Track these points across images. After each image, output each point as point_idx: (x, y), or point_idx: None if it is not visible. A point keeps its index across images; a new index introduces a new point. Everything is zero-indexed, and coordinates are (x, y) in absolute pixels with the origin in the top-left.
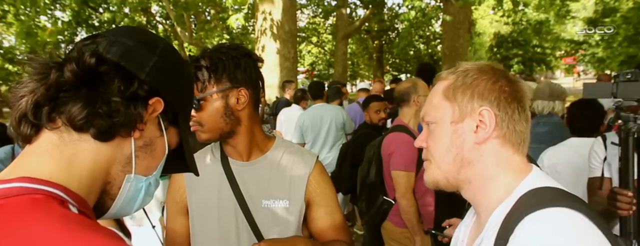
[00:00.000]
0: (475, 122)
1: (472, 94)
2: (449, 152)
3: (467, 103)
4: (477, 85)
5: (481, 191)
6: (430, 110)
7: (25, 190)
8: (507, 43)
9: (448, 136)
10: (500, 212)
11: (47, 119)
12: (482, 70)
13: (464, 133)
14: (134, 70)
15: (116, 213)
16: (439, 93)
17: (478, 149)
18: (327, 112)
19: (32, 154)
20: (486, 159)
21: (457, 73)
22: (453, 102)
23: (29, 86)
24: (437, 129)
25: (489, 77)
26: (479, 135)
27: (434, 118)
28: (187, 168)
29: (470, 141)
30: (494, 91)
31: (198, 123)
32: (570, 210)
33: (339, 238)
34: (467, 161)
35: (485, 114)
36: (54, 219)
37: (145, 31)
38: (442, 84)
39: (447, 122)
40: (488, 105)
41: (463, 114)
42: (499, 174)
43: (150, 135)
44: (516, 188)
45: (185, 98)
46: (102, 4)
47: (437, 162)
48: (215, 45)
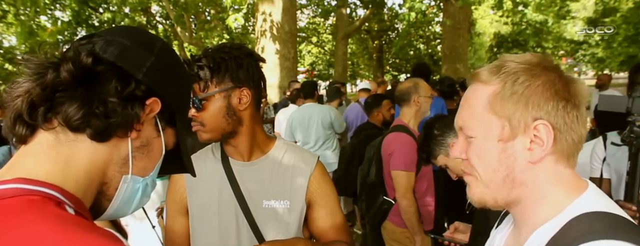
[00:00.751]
0: (529, 137)
1: (525, 106)
2: (497, 172)
3: (520, 118)
4: (531, 95)
5: (530, 209)
6: (470, 121)
7: (21, 191)
8: (507, 43)
9: (495, 155)
10: (546, 231)
11: (42, 119)
12: (534, 73)
13: (515, 152)
14: (131, 70)
15: (113, 214)
16: (483, 102)
17: (532, 169)
18: (316, 111)
19: (28, 155)
20: (540, 178)
21: (502, 77)
22: (501, 117)
23: (24, 86)
24: (480, 144)
25: (544, 82)
26: (534, 154)
27: (475, 133)
28: (184, 169)
29: (523, 160)
30: (551, 99)
31: (200, 123)
32: (627, 243)
33: (340, 239)
34: (520, 182)
35: (542, 129)
36: (50, 220)
37: (142, 31)
38: (484, 90)
39: (493, 140)
40: (545, 117)
41: (515, 131)
42: (552, 192)
43: (147, 135)
44: (567, 207)
45: (183, 99)
46: (102, 4)
47: (484, 181)
48: (217, 44)
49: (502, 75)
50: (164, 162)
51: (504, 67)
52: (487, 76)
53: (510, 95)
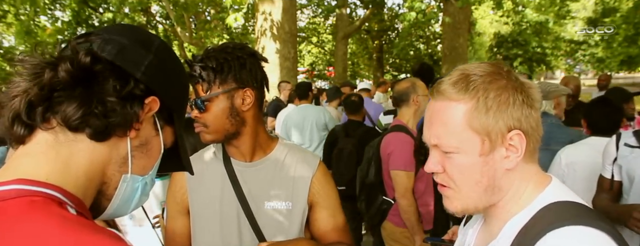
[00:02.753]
0: (505, 147)
1: (502, 119)
2: (480, 184)
3: (498, 131)
4: (504, 109)
5: (503, 207)
6: (447, 138)
7: (23, 192)
8: (507, 43)
9: (478, 169)
10: (516, 223)
11: (41, 119)
12: (500, 85)
13: (495, 163)
14: (130, 69)
15: (113, 213)
16: (459, 120)
17: (509, 175)
18: (310, 112)
19: (27, 155)
20: (514, 180)
21: (473, 94)
22: (481, 134)
23: (21, 86)
24: (461, 160)
25: (511, 93)
26: (510, 161)
27: (455, 149)
28: (182, 167)
29: (501, 169)
30: (519, 108)
31: (203, 124)
32: (593, 229)
33: (341, 240)
34: (499, 188)
35: (517, 139)
36: (54, 221)
37: (140, 29)
38: (458, 108)
39: (475, 155)
40: (517, 125)
41: (494, 144)
42: (522, 188)
43: (146, 134)
44: (535, 199)
45: (181, 97)
46: (102, 4)
47: (464, 193)
48: (219, 44)
49: (472, 92)
50: (162, 160)
51: (470, 83)
52: (457, 94)
53: (486, 111)
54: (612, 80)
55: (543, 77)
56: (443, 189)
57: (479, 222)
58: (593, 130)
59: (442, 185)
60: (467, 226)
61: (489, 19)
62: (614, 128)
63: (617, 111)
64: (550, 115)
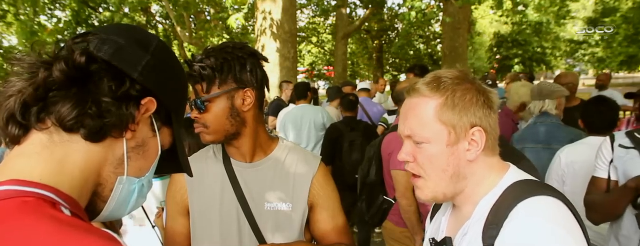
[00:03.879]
0: (467, 141)
1: (466, 116)
2: (446, 172)
3: (462, 126)
4: (469, 107)
5: (471, 193)
6: (419, 130)
7: (15, 193)
8: (507, 43)
9: (445, 158)
10: (487, 203)
11: (36, 120)
12: (466, 88)
13: (459, 154)
14: (126, 69)
15: (109, 215)
16: (430, 114)
17: (471, 165)
18: (308, 112)
19: (21, 156)
20: (476, 170)
21: (443, 92)
22: (448, 125)
23: (17, 86)
24: (430, 150)
25: (474, 95)
26: (472, 154)
27: (426, 139)
28: (180, 169)
29: (464, 159)
30: (480, 107)
31: (203, 125)
32: (552, 198)
33: (341, 241)
34: (463, 177)
35: (478, 135)
36: (46, 222)
37: (138, 29)
38: (430, 103)
39: (442, 145)
40: (478, 122)
41: (459, 136)
42: (486, 176)
43: (143, 135)
44: (499, 182)
45: (179, 98)
46: (102, 4)
47: (434, 181)
48: (219, 44)
49: (442, 90)
50: (160, 162)
51: (441, 83)
52: (429, 91)
53: (454, 107)
54: (612, 80)
55: (543, 77)
56: (415, 180)
57: (449, 210)
58: (590, 129)
59: (414, 175)
60: (437, 215)
61: (489, 19)
62: (611, 127)
63: (612, 109)
64: (551, 116)
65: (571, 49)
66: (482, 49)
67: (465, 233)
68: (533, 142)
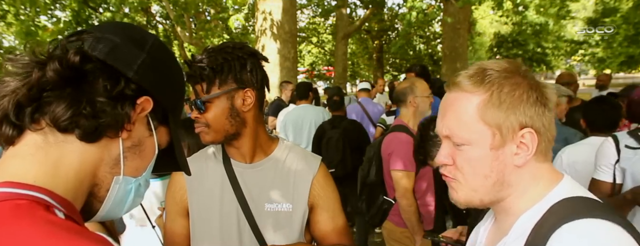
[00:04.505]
0: (516, 144)
1: (514, 115)
2: (488, 178)
3: (509, 126)
4: (517, 105)
5: (512, 203)
6: (459, 130)
7: (8, 195)
8: (507, 43)
9: (487, 163)
10: (529, 218)
11: (30, 120)
12: (515, 82)
13: (505, 158)
14: (121, 68)
15: (105, 215)
16: (471, 112)
17: (518, 171)
18: (309, 113)
19: (15, 157)
20: (524, 177)
21: (487, 87)
22: (492, 126)
23: (10, 86)
24: (471, 153)
25: (525, 90)
26: (520, 158)
27: (466, 141)
28: (178, 168)
29: (510, 164)
30: (533, 105)
31: (203, 124)
32: (607, 221)
33: (341, 242)
34: (507, 184)
35: (528, 137)
36: (39, 226)
37: (133, 27)
38: (471, 100)
39: (485, 148)
40: (529, 122)
41: (505, 138)
42: (532, 185)
43: (139, 135)
44: (547, 195)
45: (176, 97)
46: (102, 4)
47: (472, 185)
48: (219, 44)
49: (487, 85)
50: (158, 160)
51: (486, 76)
52: (472, 86)
53: (499, 104)
54: (612, 80)
55: (543, 77)
56: (449, 180)
57: (490, 220)
58: (592, 128)
59: (449, 177)
60: (478, 225)
61: (489, 19)
62: (612, 126)
63: (614, 109)
64: None
65: (571, 48)
66: (482, 49)
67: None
68: None
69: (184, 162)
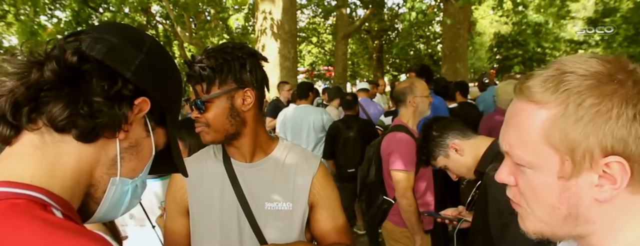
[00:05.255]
0: (597, 173)
1: (594, 136)
2: (556, 210)
3: (585, 151)
4: (601, 123)
5: (603, 242)
6: (520, 149)
7: (5, 194)
8: (507, 43)
9: (554, 193)
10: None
11: (27, 120)
12: (604, 92)
13: (579, 190)
14: (119, 68)
15: (102, 217)
16: (537, 130)
17: (600, 206)
18: (309, 113)
19: (12, 157)
20: (612, 213)
21: (563, 98)
22: (560, 151)
23: (7, 85)
24: (534, 178)
25: (617, 104)
26: (604, 192)
27: (528, 164)
28: (175, 169)
29: (589, 198)
30: (626, 124)
31: (204, 124)
32: None
33: (341, 241)
34: (585, 220)
35: (616, 167)
36: (36, 224)
37: (131, 28)
38: (538, 114)
39: (552, 176)
40: (619, 148)
41: (578, 168)
42: (631, 224)
43: (136, 136)
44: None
45: (174, 98)
46: (102, 4)
47: (539, 216)
48: (219, 44)
49: (562, 95)
50: (155, 162)
51: (564, 83)
52: (542, 95)
53: (574, 123)
54: None
55: None
56: (515, 206)
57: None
58: None
59: (514, 203)
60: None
61: (489, 19)
62: None
63: None
64: None
65: (571, 48)
66: (482, 49)
67: None
68: None
69: (181, 163)
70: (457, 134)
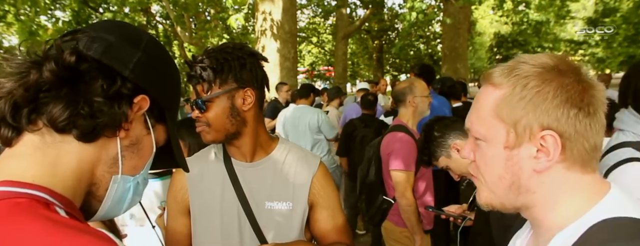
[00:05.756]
0: (535, 146)
1: (533, 112)
2: (503, 179)
3: (526, 125)
4: (540, 101)
5: (544, 214)
6: (477, 123)
7: (7, 194)
8: (507, 43)
9: (501, 162)
10: (564, 239)
11: (27, 121)
12: (546, 78)
13: (520, 160)
14: (117, 67)
15: (105, 215)
16: (490, 107)
17: (538, 177)
18: (306, 113)
19: (13, 157)
20: (549, 186)
21: (513, 81)
22: (507, 124)
23: (6, 87)
24: (486, 149)
25: (555, 87)
26: (539, 163)
27: (482, 136)
28: (176, 164)
29: (528, 168)
30: (561, 106)
31: (205, 124)
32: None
33: (341, 240)
34: (526, 189)
35: (549, 140)
36: (40, 222)
37: (127, 25)
38: (493, 94)
39: (499, 146)
40: (553, 125)
41: (520, 138)
42: (566, 198)
43: (137, 133)
44: (587, 212)
45: (172, 94)
46: (102, 4)
47: (490, 187)
48: (219, 45)
49: (513, 79)
50: (155, 157)
51: (516, 69)
52: (498, 78)
53: (518, 100)
54: (612, 80)
55: None
56: (473, 179)
57: (528, 231)
58: None
59: (473, 176)
60: (516, 234)
61: (489, 19)
62: (609, 127)
63: (610, 108)
64: None
65: (571, 48)
66: (482, 49)
67: None
68: None
69: (182, 158)
70: (458, 134)
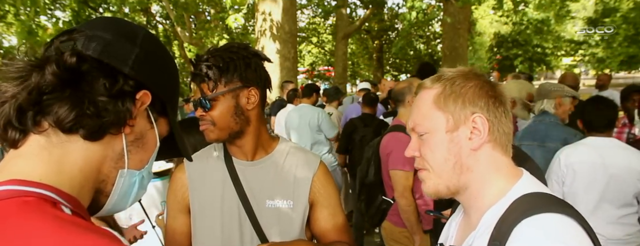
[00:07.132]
0: (469, 129)
1: (463, 102)
2: (447, 161)
3: (460, 112)
4: (467, 93)
5: (476, 194)
6: (420, 120)
7: (16, 192)
8: (507, 43)
9: (444, 145)
10: (494, 214)
11: (32, 123)
12: (467, 77)
13: (460, 141)
14: (117, 65)
15: (111, 209)
16: (429, 102)
17: (474, 155)
18: (305, 113)
19: (20, 157)
20: (482, 164)
21: (442, 82)
22: (445, 111)
23: (9, 91)
24: (431, 139)
25: (475, 84)
26: (474, 142)
27: (426, 129)
28: (179, 153)
29: (467, 148)
30: (482, 96)
31: (209, 122)
32: (562, 215)
33: (341, 239)
34: (466, 167)
35: (479, 121)
36: (47, 221)
37: (121, 21)
38: (429, 93)
39: (441, 132)
40: (479, 111)
41: (457, 122)
42: (493, 178)
43: (141, 128)
44: (509, 191)
45: (172, 87)
46: (102, 4)
47: (436, 171)
48: (224, 44)
49: (442, 80)
50: (159, 149)
51: (442, 75)
52: (430, 83)
53: (450, 94)
54: (612, 80)
55: (543, 77)
56: (420, 172)
57: (460, 215)
58: (589, 129)
59: (419, 168)
60: (451, 219)
61: (489, 19)
62: (609, 126)
63: (610, 108)
64: (550, 114)
65: (571, 48)
66: (482, 49)
67: (470, 244)
68: (530, 140)
69: (185, 147)
70: None
